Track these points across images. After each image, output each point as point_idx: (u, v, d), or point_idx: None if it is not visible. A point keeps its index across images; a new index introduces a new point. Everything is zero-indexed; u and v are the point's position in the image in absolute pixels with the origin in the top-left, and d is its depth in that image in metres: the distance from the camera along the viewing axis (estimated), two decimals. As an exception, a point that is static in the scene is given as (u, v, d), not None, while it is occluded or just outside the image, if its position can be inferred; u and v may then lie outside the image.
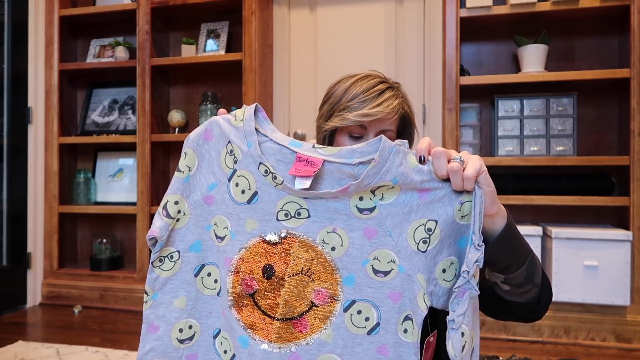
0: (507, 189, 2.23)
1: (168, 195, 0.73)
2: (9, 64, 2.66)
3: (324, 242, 0.67)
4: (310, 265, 0.68)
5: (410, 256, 0.66)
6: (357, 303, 0.67)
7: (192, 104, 2.78)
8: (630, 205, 2.03)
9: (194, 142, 0.73)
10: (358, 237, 0.67)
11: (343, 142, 0.92)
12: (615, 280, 2.00)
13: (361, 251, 0.66)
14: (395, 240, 0.66)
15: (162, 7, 2.60)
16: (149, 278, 0.72)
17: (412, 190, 0.66)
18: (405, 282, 0.66)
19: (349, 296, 0.67)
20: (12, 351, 1.95)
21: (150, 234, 0.71)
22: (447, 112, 2.21)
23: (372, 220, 0.66)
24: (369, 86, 0.90)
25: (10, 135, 2.66)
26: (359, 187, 0.65)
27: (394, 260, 0.66)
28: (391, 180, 0.65)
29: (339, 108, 0.91)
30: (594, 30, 2.28)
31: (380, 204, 0.66)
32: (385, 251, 0.66)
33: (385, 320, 0.66)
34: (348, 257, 0.67)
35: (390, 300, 0.66)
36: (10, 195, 2.67)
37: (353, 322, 0.67)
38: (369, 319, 0.67)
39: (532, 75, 2.14)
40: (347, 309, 0.67)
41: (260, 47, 2.52)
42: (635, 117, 2.03)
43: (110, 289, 2.64)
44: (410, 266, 0.66)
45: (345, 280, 0.67)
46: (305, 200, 0.67)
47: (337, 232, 0.67)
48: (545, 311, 0.81)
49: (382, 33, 2.58)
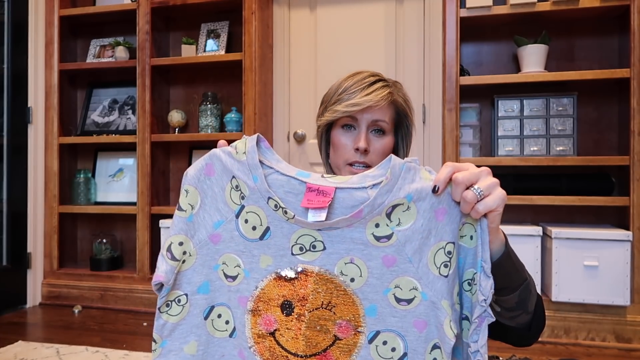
0: (507, 189, 2.20)
1: (171, 236, 0.69)
2: (9, 64, 2.66)
3: (342, 273, 0.66)
4: (330, 299, 0.66)
5: (433, 282, 0.64)
6: (382, 334, 0.65)
7: (192, 104, 2.78)
8: (630, 205, 2.03)
9: (195, 179, 0.70)
10: (377, 265, 0.65)
11: (337, 136, 0.92)
12: (615, 280, 2.00)
13: (381, 280, 0.65)
14: (416, 267, 0.64)
15: (162, 7, 2.60)
16: (156, 325, 0.69)
17: (429, 211, 0.64)
18: (430, 310, 0.64)
19: (373, 327, 0.65)
20: (12, 351, 1.95)
21: (156, 279, 0.68)
22: (447, 112, 2.21)
23: (390, 248, 0.64)
24: (359, 78, 0.91)
25: (10, 135, 2.66)
26: (373, 209, 0.63)
27: (417, 288, 0.64)
28: (405, 197, 0.63)
29: (330, 103, 0.92)
30: (594, 30, 2.28)
31: (398, 230, 0.64)
32: (407, 278, 0.64)
33: (413, 350, 0.65)
34: (368, 287, 0.65)
35: (415, 329, 0.65)
36: (10, 195, 2.67)
37: (379, 354, 0.65)
38: (395, 350, 0.65)
39: (532, 75, 2.14)
40: (372, 340, 0.65)
41: (260, 47, 2.52)
42: (635, 117, 2.03)
43: (110, 289, 2.64)
44: (433, 292, 0.64)
45: (367, 310, 0.65)
46: (319, 232, 0.66)
47: (355, 262, 0.65)
48: (535, 339, 0.81)
49: (382, 33, 2.58)
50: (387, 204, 0.63)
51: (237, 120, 2.54)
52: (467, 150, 2.29)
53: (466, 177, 0.61)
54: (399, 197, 0.63)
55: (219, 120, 2.62)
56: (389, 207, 0.64)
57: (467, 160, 2.21)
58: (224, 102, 2.70)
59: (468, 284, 0.65)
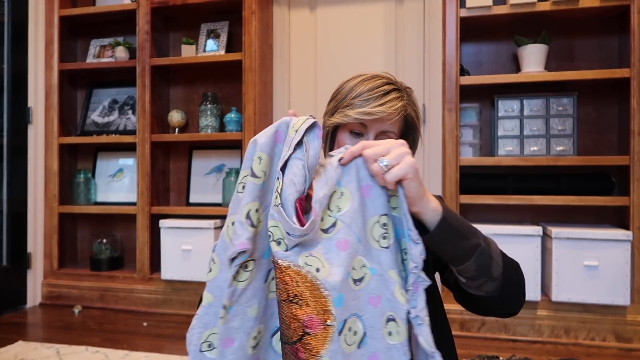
0: (507, 189, 2.23)
1: (248, 203, 0.68)
2: (9, 64, 2.66)
3: (307, 264, 0.65)
4: (295, 291, 0.64)
5: (378, 256, 0.66)
6: (348, 321, 0.65)
7: (192, 104, 2.78)
8: (630, 205, 2.03)
9: (267, 146, 0.69)
10: (335, 255, 0.65)
11: (344, 139, 0.92)
12: (615, 280, 2.00)
13: (344, 266, 0.65)
14: (363, 245, 0.66)
15: (162, 7, 2.60)
16: (227, 292, 0.68)
17: (357, 190, 0.67)
18: (380, 283, 0.65)
19: (341, 317, 0.64)
20: (12, 351, 1.95)
21: (241, 246, 0.66)
22: (447, 112, 2.21)
23: (339, 234, 0.66)
24: (374, 85, 0.89)
25: (10, 135, 2.66)
26: (322, 205, 0.66)
27: (365, 265, 0.66)
28: (336, 184, 0.67)
29: (342, 105, 0.91)
30: (594, 30, 2.28)
31: (340, 215, 0.67)
32: (357, 258, 0.66)
33: (370, 327, 0.65)
34: (332, 276, 0.64)
35: (370, 305, 0.66)
36: (10, 195, 2.67)
37: (347, 342, 0.64)
38: (357, 333, 0.65)
39: (532, 75, 2.14)
40: (341, 331, 0.64)
41: (260, 47, 2.52)
42: (635, 117, 2.03)
43: (110, 289, 2.64)
44: (380, 266, 0.66)
45: (335, 301, 0.64)
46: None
47: (314, 255, 0.65)
48: (513, 305, 0.78)
49: (382, 33, 2.58)
50: (328, 196, 0.66)
51: (237, 120, 2.54)
52: (467, 150, 2.29)
53: (373, 152, 0.66)
54: (333, 186, 0.67)
55: (219, 120, 2.62)
56: (327, 198, 0.67)
57: (467, 160, 2.21)
58: (224, 102, 2.70)
59: (405, 253, 0.67)
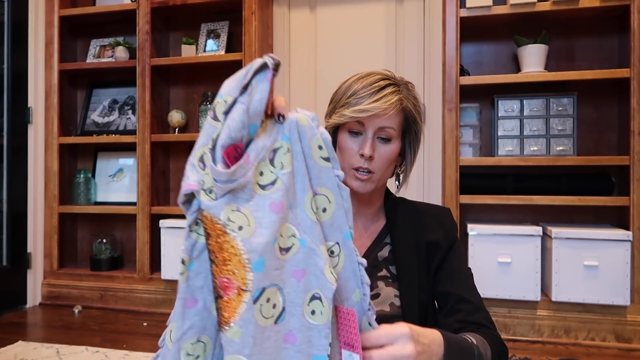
0: (507, 189, 2.23)
1: (203, 146, 0.62)
2: (9, 64, 2.66)
3: (229, 220, 0.57)
4: (214, 247, 0.58)
5: (311, 228, 0.60)
6: (267, 290, 0.58)
7: (192, 104, 2.78)
8: (630, 205, 2.03)
9: (235, 90, 0.63)
10: (265, 215, 0.58)
11: (344, 140, 0.91)
12: (615, 280, 2.00)
13: (271, 229, 0.58)
14: (295, 213, 0.60)
15: (162, 7, 2.60)
16: (186, 245, 0.62)
17: (300, 153, 0.61)
18: (309, 257, 0.60)
19: (259, 284, 0.57)
20: (12, 351, 1.95)
21: (187, 188, 0.59)
22: (447, 112, 2.21)
23: (276, 194, 0.59)
24: (369, 82, 0.88)
25: (10, 135, 2.66)
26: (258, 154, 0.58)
27: (295, 234, 0.60)
28: (283, 138, 0.60)
29: (339, 105, 0.90)
30: (594, 30, 2.28)
31: (282, 173, 0.60)
32: (287, 225, 0.60)
33: (290, 302, 0.59)
34: (256, 237, 0.57)
35: (293, 278, 0.59)
36: (10, 195, 2.67)
37: (263, 314, 0.58)
38: (276, 306, 0.59)
39: (532, 75, 2.14)
40: (257, 299, 0.57)
41: (260, 47, 2.52)
42: (635, 117, 2.03)
43: (110, 289, 2.64)
44: (312, 239, 0.60)
45: (254, 265, 0.57)
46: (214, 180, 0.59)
47: (241, 210, 0.58)
48: None
49: (382, 33, 2.58)
50: (269, 147, 0.60)
51: (237, 120, 2.53)
52: (467, 150, 2.30)
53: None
54: (278, 140, 0.60)
55: (219, 120, 2.61)
56: (270, 151, 0.60)
57: (467, 160, 2.21)
58: (224, 102, 2.70)
59: (350, 235, 0.64)
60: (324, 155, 0.63)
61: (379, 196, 0.99)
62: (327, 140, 0.63)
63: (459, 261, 0.95)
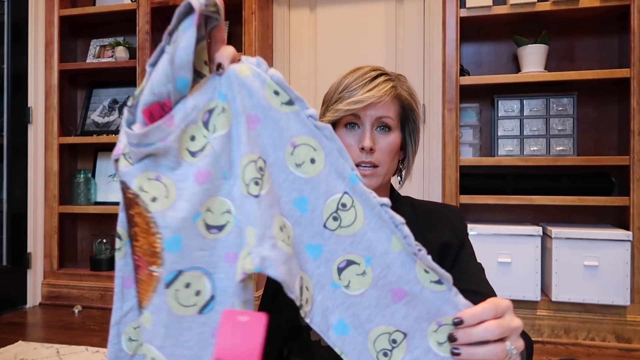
0: (507, 189, 2.23)
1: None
2: (9, 64, 2.66)
3: (141, 189, 0.49)
4: (129, 218, 0.51)
5: (241, 202, 0.50)
6: (185, 273, 0.49)
7: (192, 104, 2.78)
8: (630, 205, 2.03)
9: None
10: (188, 186, 0.50)
11: (341, 136, 0.88)
12: (615, 280, 2.00)
13: (192, 202, 0.49)
14: (231, 184, 0.51)
15: (162, 7, 2.60)
16: (120, 217, 0.55)
17: (240, 114, 0.51)
18: (240, 239, 0.50)
19: (174, 266, 0.49)
20: (12, 351, 1.95)
21: (114, 154, 0.53)
22: (447, 112, 2.21)
23: (203, 160, 0.50)
24: (360, 74, 0.86)
25: (10, 135, 2.66)
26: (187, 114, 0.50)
27: (230, 210, 0.50)
28: (219, 96, 0.51)
29: (332, 102, 0.88)
30: (594, 30, 2.28)
31: (213, 137, 0.50)
32: (220, 199, 0.50)
33: (222, 291, 0.50)
34: (173, 211, 0.49)
35: (227, 263, 0.50)
36: (10, 195, 2.67)
37: (179, 300, 0.49)
38: (201, 293, 0.50)
39: (532, 75, 2.14)
40: (171, 283, 0.49)
41: (260, 47, 2.52)
42: (635, 117, 2.03)
43: (110, 289, 2.64)
44: (243, 217, 0.50)
45: (167, 244, 0.49)
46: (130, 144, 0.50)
47: (161, 180, 0.50)
48: None
49: (382, 33, 2.58)
50: (203, 107, 0.51)
51: (237, 120, 2.54)
52: (467, 150, 2.30)
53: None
54: (214, 99, 0.51)
55: (219, 120, 2.62)
56: (204, 112, 0.51)
57: (467, 160, 2.21)
58: (224, 102, 2.70)
59: (333, 219, 0.53)
60: (284, 99, 0.53)
61: (384, 195, 0.95)
62: (281, 81, 0.54)
63: (470, 257, 0.92)
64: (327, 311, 0.53)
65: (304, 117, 0.53)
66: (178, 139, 0.49)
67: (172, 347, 0.49)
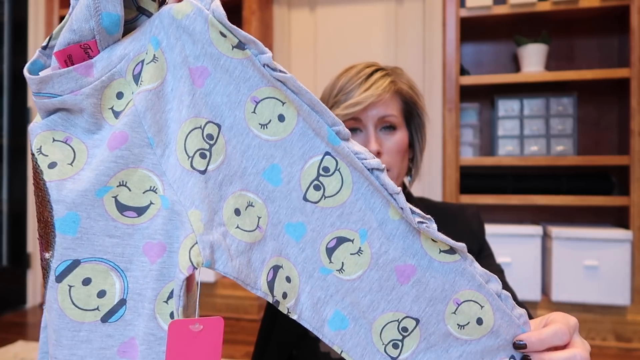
0: (507, 189, 2.23)
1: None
2: (9, 64, 2.66)
3: (41, 152, 0.39)
4: (33, 186, 0.40)
5: (181, 179, 0.39)
6: (84, 265, 0.38)
7: (192, 104, 2.78)
8: (630, 205, 2.03)
9: None
10: (100, 153, 0.39)
11: None
12: (615, 280, 2.00)
13: (97, 172, 0.38)
14: (159, 154, 0.39)
15: (162, 7, 2.60)
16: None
17: (181, 66, 0.40)
18: (171, 226, 0.39)
19: (68, 253, 0.38)
20: (12, 351, 1.95)
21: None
22: (447, 112, 2.21)
23: (122, 120, 0.39)
24: (353, 73, 0.79)
25: (10, 135, 2.66)
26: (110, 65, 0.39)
27: (156, 188, 0.39)
28: (150, 40, 0.40)
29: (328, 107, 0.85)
30: (594, 30, 2.28)
31: (137, 92, 0.39)
32: (141, 172, 0.39)
33: (137, 294, 0.39)
34: (73, 182, 0.38)
35: (146, 257, 0.39)
36: (10, 195, 2.67)
37: (74, 302, 0.38)
38: (106, 294, 0.38)
39: (532, 75, 2.14)
40: (63, 276, 0.38)
41: (260, 47, 2.52)
42: (635, 117, 2.03)
43: (110, 289, 2.64)
44: (178, 196, 0.39)
45: (59, 223, 0.38)
46: (36, 95, 0.41)
47: (70, 143, 0.40)
48: None
49: (382, 33, 2.58)
50: (134, 57, 0.40)
51: (237, 120, 2.54)
52: (467, 150, 2.30)
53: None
54: (146, 46, 0.40)
55: (219, 120, 2.62)
56: (136, 64, 0.40)
57: (467, 160, 2.21)
58: (224, 102, 2.70)
59: (315, 189, 0.43)
60: (233, 42, 0.43)
61: None
62: (224, 19, 0.44)
63: (490, 259, 0.88)
64: (319, 303, 0.43)
65: (260, 65, 0.41)
66: (98, 94, 0.39)
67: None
